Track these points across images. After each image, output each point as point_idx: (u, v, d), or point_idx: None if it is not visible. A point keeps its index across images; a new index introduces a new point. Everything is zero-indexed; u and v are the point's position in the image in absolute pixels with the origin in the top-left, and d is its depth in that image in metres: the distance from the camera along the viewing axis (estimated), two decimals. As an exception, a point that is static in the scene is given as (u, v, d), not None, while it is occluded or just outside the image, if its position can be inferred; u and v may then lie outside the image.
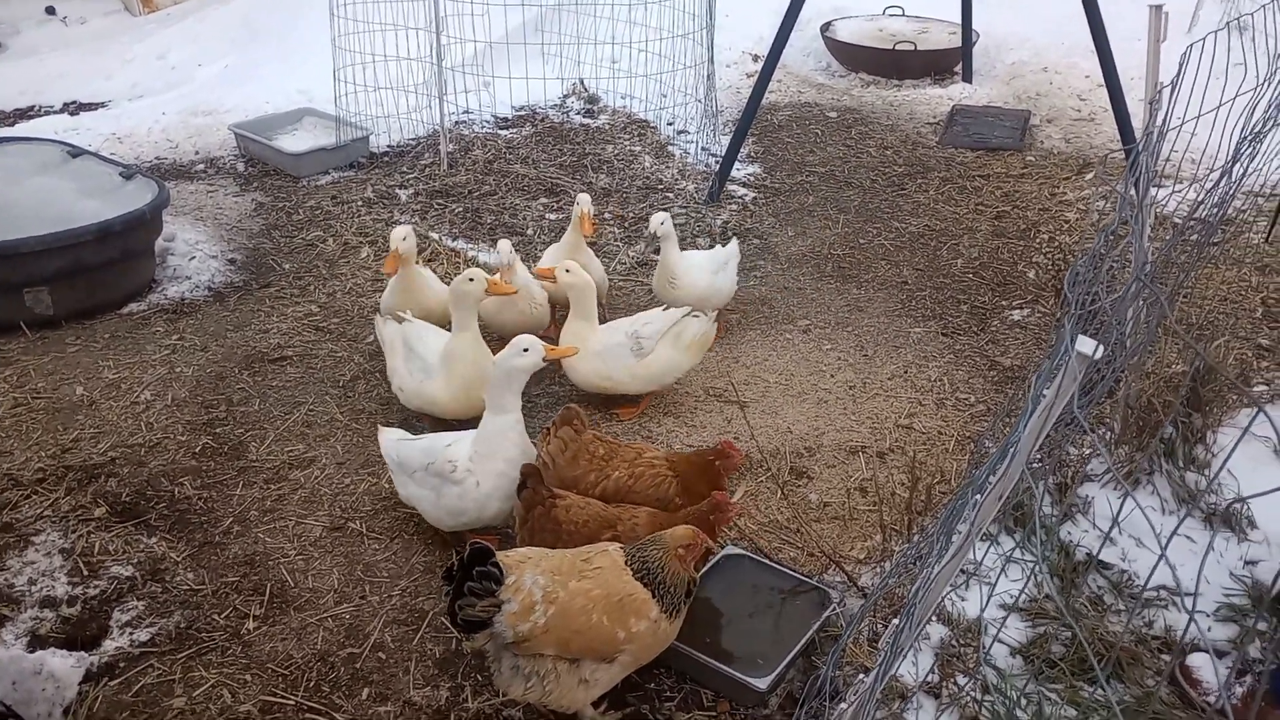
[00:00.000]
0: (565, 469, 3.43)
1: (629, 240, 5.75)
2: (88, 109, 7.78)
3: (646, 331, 4.17)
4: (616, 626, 2.75)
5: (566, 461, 3.44)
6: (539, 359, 3.44)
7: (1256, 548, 3.35)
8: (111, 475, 3.95)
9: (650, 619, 2.78)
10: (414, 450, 3.53)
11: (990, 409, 4.36)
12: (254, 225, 5.96)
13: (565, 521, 3.15)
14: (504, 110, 7.37)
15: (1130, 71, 6.25)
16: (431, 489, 3.46)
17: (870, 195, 6.40)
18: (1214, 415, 3.75)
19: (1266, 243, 5.32)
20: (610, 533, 3.13)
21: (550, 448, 3.46)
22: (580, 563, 2.84)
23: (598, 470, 3.42)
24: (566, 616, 2.72)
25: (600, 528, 3.15)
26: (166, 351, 4.77)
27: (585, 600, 2.75)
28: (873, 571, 3.46)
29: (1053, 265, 5.48)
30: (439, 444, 3.49)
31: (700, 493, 3.35)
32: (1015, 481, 1.99)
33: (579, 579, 2.79)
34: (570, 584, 2.77)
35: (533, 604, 2.71)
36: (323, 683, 3.12)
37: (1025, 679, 2.89)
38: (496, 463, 3.39)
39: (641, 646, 2.81)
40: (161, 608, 3.38)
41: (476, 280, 3.94)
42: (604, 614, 2.74)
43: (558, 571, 2.79)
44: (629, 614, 2.76)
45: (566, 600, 2.73)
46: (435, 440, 3.54)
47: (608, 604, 2.75)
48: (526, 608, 2.70)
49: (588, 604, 2.74)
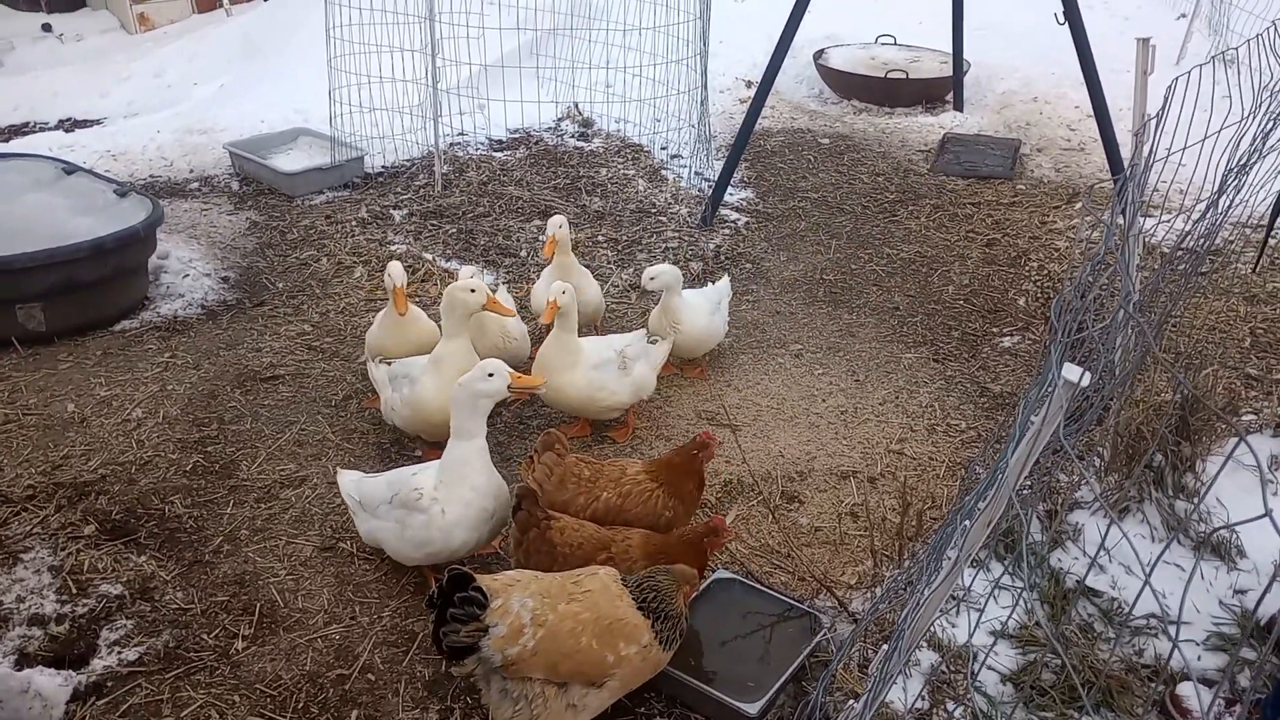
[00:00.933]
0: (554, 493, 3.41)
1: (621, 264, 5.78)
2: (83, 126, 7.80)
3: (630, 353, 4.23)
4: (606, 650, 2.74)
5: (554, 486, 3.42)
6: (503, 386, 3.34)
7: (1246, 577, 3.37)
8: (102, 493, 3.94)
9: (641, 644, 2.78)
10: (377, 485, 3.45)
11: (981, 435, 4.39)
12: (248, 244, 5.97)
13: (560, 544, 3.15)
14: (498, 132, 7.41)
15: (1119, 102, 6.32)
16: (396, 521, 3.35)
17: (862, 221, 6.45)
18: (1203, 444, 3.78)
19: (1254, 273, 5.37)
20: (605, 554, 3.13)
21: (536, 474, 3.45)
22: (570, 585, 2.84)
23: (586, 493, 3.42)
24: (556, 639, 2.71)
25: (595, 549, 3.16)
26: (159, 369, 4.76)
27: (574, 623, 2.74)
28: (864, 597, 3.46)
29: (1042, 293, 5.52)
30: (404, 475, 3.43)
31: (688, 491, 3.47)
32: (1003, 508, 2.01)
33: (568, 601, 2.78)
34: (560, 606, 2.76)
35: (521, 627, 2.70)
36: (311, 704, 3.11)
37: (1015, 706, 2.90)
38: (463, 490, 3.30)
39: (631, 671, 2.81)
40: (150, 627, 3.36)
41: (478, 293, 3.88)
42: (593, 637, 2.74)
43: (547, 594, 2.79)
44: (619, 638, 2.76)
45: (556, 623, 2.72)
46: (399, 472, 3.48)
47: (597, 627, 2.75)
48: (515, 631, 2.70)
49: (577, 627, 2.74)
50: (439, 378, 3.85)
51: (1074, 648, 3.09)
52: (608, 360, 4.18)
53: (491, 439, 3.51)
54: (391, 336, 4.33)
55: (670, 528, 3.39)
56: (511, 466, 4.03)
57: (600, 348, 4.23)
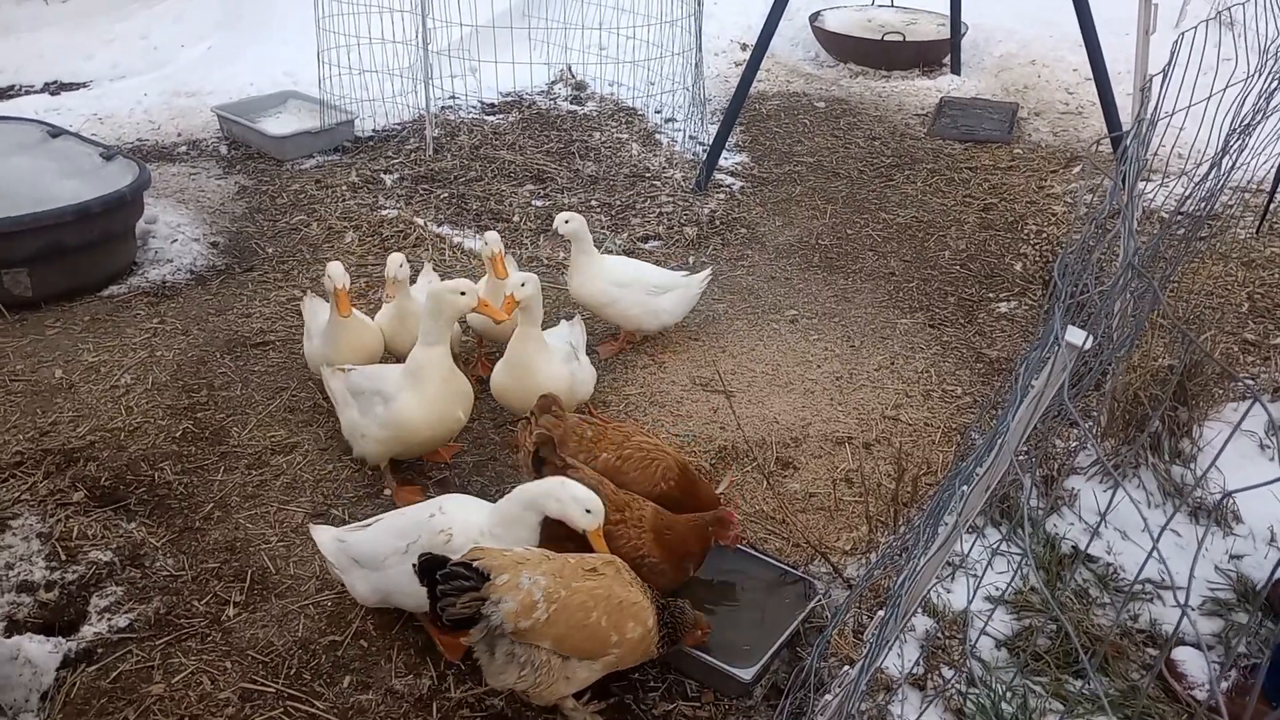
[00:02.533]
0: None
1: (615, 228, 5.72)
2: (68, 89, 7.68)
3: (576, 342, 4.06)
4: (612, 629, 2.74)
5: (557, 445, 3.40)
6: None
7: (1242, 542, 3.36)
8: (90, 459, 3.90)
9: (646, 626, 2.79)
10: (376, 538, 3.06)
11: (977, 401, 4.36)
12: (237, 208, 5.89)
13: None
14: (490, 96, 7.31)
15: (1117, 65, 6.25)
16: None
17: (858, 186, 6.39)
18: (1200, 409, 3.76)
19: (1257, 236, 5.33)
20: (618, 516, 3.09)
21: (535, 437, 3.42)
22: (585, 570, 2.80)
23: (586, 451, 3.38)
24: (567, 611, 2.70)
25: (612, 509, 3.11)
26: (147, 335, 4.71)
27: (587, 597, 2.72)
28: (858, 563, 3.45)
29: (1040, 257, 5.48)
30: (418, 519, 3.03)
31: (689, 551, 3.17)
32: (1003, 473, 1.98)
33: (582, 580, 2.76)
34: (573, 583, 2.74)
35: (534, 603, 2.68)
36: (304, 670, 3.09)
37: (1011, 672, 2.89)
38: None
39: (627, 652, 2.80)
40: (141, 593, 3.33)
41: (469, 295, 3.49)
42: (604, 614, 2.73)
43: (559, 574, 2.75)
44: (628, 618, 2.76)
45: (568, 598, 2.71)
46: (404, 517, 3.10)
47: (609, 604, 2.74)
48: (528, 606, 2.67)
49: (589, 601, 2.72)
50: (420, 391, 3.49)
51: (1069, 613, 3.08)
52: (569, 354, 3.96)
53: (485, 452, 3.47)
54: (335, 345, 3.97)
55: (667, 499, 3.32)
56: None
57: (558, 342, 3.97)
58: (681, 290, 4.58)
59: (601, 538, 2.93)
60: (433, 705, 2.99)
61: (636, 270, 4.54)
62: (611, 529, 3.04)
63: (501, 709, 2.98)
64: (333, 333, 3.98)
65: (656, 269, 4.63)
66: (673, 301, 4.55)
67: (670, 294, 4.54)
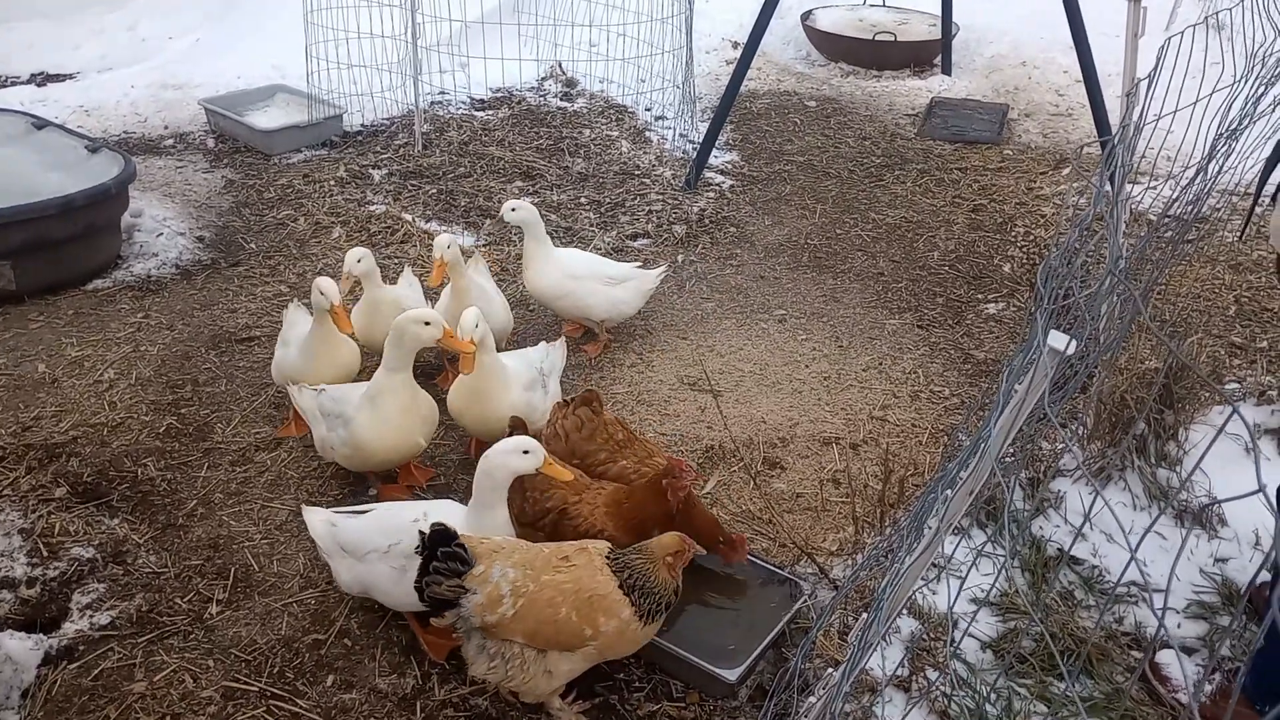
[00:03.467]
0: (580, 443, 3.41)
1: (604, 226, 5.70)
2: (55, 80, 7.62)
3: (546, 367, 3.88)
4: (584, 623, 2.72)
5: (584, 437, 3.42)
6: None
7: (1227, 545, 3.36)
8: (73, 455, 3.87)
9: (620, 619, 2.74)
10: (363, 529, 3.07)
11: (964, 402, 4.36)
12: (223, 203, 5.86)
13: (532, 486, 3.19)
14: (480, 92, 7.29)
15: (1108, 68, 6.25)
16: (395, 568, 2.99)
17: (848, 186, 6.38)
18: (1186, 412, 3.77)
19: (1240, 240, 5.35)
20: (576, 498, 3.14)
21: (566, 422, 3.45)
22: (558, 560, 2.80)
23: (609, 452, 3.40)
24: (535, 607, 2.69)
25: (570, 491, 3.15)
26: (131, 329, 4.68)
27: (555, 593, 2.71)
28: (844, 564, 3.44)
29: (1028, 259, 5.49)
30: (401, 521, 3.02)
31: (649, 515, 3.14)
32: (985, 477, 1.98)
33: (552, 573, 2.75)
34: (542, 577, 2.74)
35: (500, 597, 2.68)
36: (287, 669, 3.08)
37: (995, 674, 2.89)
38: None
39: (608, 644, 2.79)
40: (123, 590, 3.31)
41: (433, 326, 3.40)
42: (573, 609, 2.71)
43: (530, 565, 2.75)
44: (598, 612, 2.73)
45: (536, 593, 2.70)
46: (392, 515, 3.08)
47: (577, 599, 2.72)
48: (493, 600, 2.67)
49: (556, 596, 2.71)
50: (379, 417, 3.45)
51: (1054, 615, 3.08)
52: (534, 380, 3.78)
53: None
54: (313, 361, 3.86)
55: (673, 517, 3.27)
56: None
57: (523, 367, 3.79)
58: (637, 282, 4.54)
59: (554, 467, 3.03)
60: (416, 705, 2.98)
61: (591, 262, 4.53)
62: (568, 508, 3.12)
63: (485, 709, 2.97)
64: (311, 347, 3.85)
65: (611, 261, 4.64)
66: (630, 293, 4.52)
67: (627, 285, 4.50)
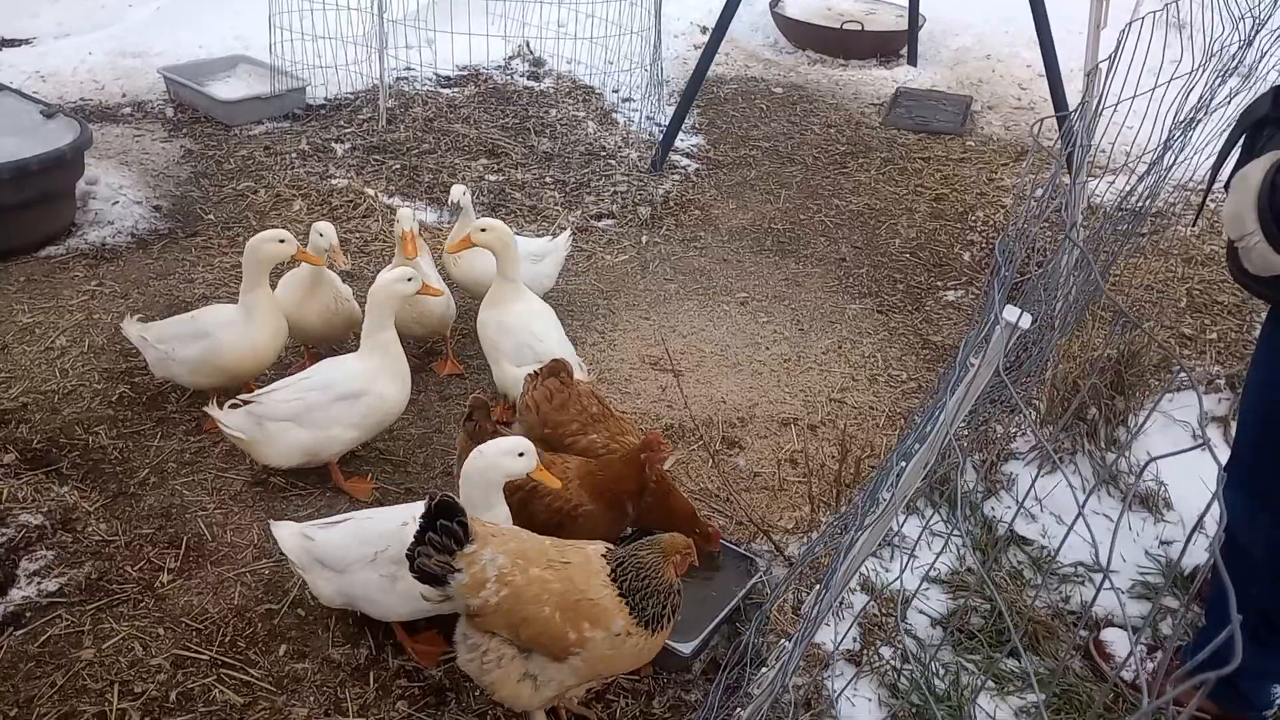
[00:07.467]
0: (552, 413, 3.37)
1: (569, 205, 5.69)
2: (10, 45, 7.44)
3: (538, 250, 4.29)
4: (568, 626, 2.56)
5: (554, 407, 3.38)
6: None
7: (1171, 528, 3.44)
8: (22, 421, 3.81)
9: (611, 630, 2.58)
10: (342, 541, 2.96)
11: (922, 386, 4.41)
12: (182, 172, 5.77)
13: None
14: (446, 68, 7.22)
15: (1071, 63, 6.32)
16: (384, 576, 2.91)
17: (812, 172, 6.42)
18: (1136, 399, 3.84)
19: (1193, 226, 5.43)
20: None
21: (536, 394, 3.41)
22: (554, 552, 2.67)
23: (581, 424, 3.37)
24: (519, 601, 2.57)
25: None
26: (85, 297, 4.60)
27: (540, 589, 2.58)
28: (800, 541, 3.47)
29: (987, 247, 5.55)
30: (386, 528, 2.92)
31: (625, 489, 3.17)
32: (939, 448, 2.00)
33: (544, 567, 2.62)
34: (531, 570, 2.60)
35: (484, 580, 2.56)
36: (239, 638, 3.05)
37: (942, 648, 2.94)
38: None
39: (598, 656, 2.60)
40: (72, 558, 3.27)
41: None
42: (557, 610, 2.57)
43: (522, 555, 2.63)
44: (583, 618, 2.57)
45: (522, 585, 2.58)
46: (375, 523, 2.98)
47: (563, 601, 2.57)
48: (477, 583, 2.56)
49: (542, 594, 2.58)
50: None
51: (1003, 593, 3.14)
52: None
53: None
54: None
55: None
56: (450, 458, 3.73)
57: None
58: (554, 255, 4.55)
59: (545, 472, 2.94)
60: (370, 674, 2.97)
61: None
62: (539, 485, 3.02)
63: (439, 679, 2.97)
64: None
65: (529, 239, 4.61)
66: (551, 266, 4.54)
67: (547, 260, 4.51)
